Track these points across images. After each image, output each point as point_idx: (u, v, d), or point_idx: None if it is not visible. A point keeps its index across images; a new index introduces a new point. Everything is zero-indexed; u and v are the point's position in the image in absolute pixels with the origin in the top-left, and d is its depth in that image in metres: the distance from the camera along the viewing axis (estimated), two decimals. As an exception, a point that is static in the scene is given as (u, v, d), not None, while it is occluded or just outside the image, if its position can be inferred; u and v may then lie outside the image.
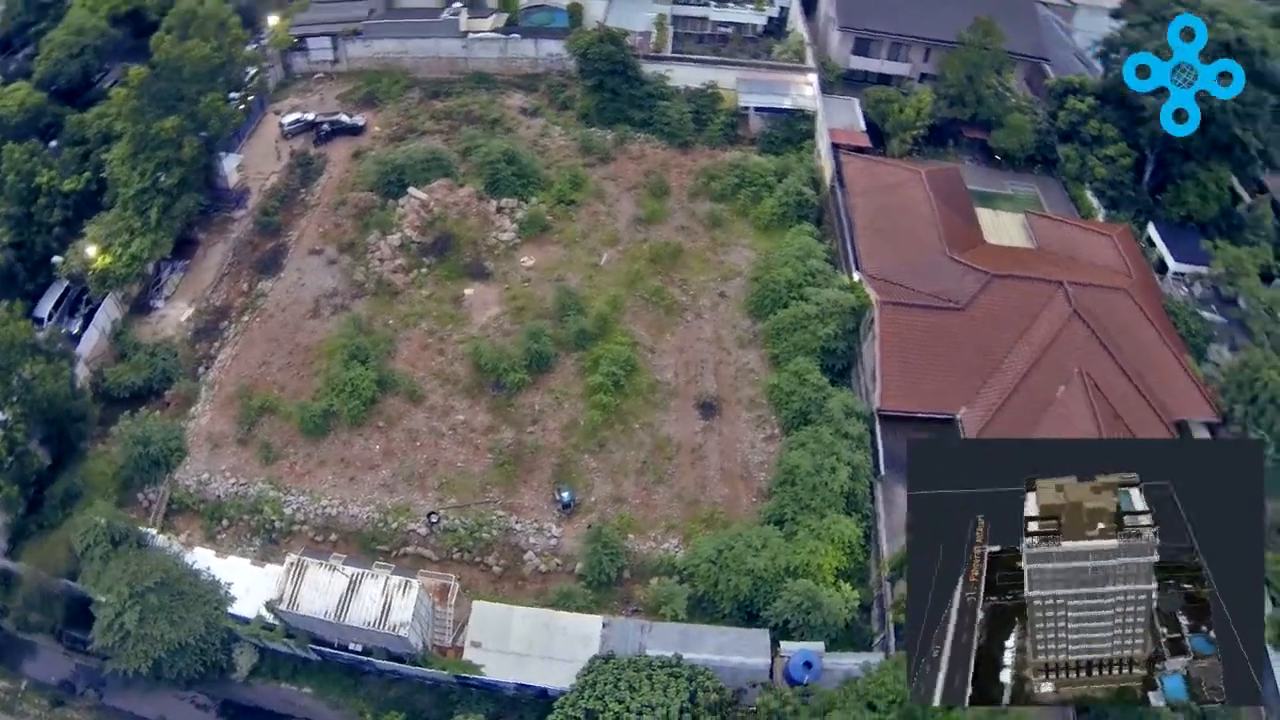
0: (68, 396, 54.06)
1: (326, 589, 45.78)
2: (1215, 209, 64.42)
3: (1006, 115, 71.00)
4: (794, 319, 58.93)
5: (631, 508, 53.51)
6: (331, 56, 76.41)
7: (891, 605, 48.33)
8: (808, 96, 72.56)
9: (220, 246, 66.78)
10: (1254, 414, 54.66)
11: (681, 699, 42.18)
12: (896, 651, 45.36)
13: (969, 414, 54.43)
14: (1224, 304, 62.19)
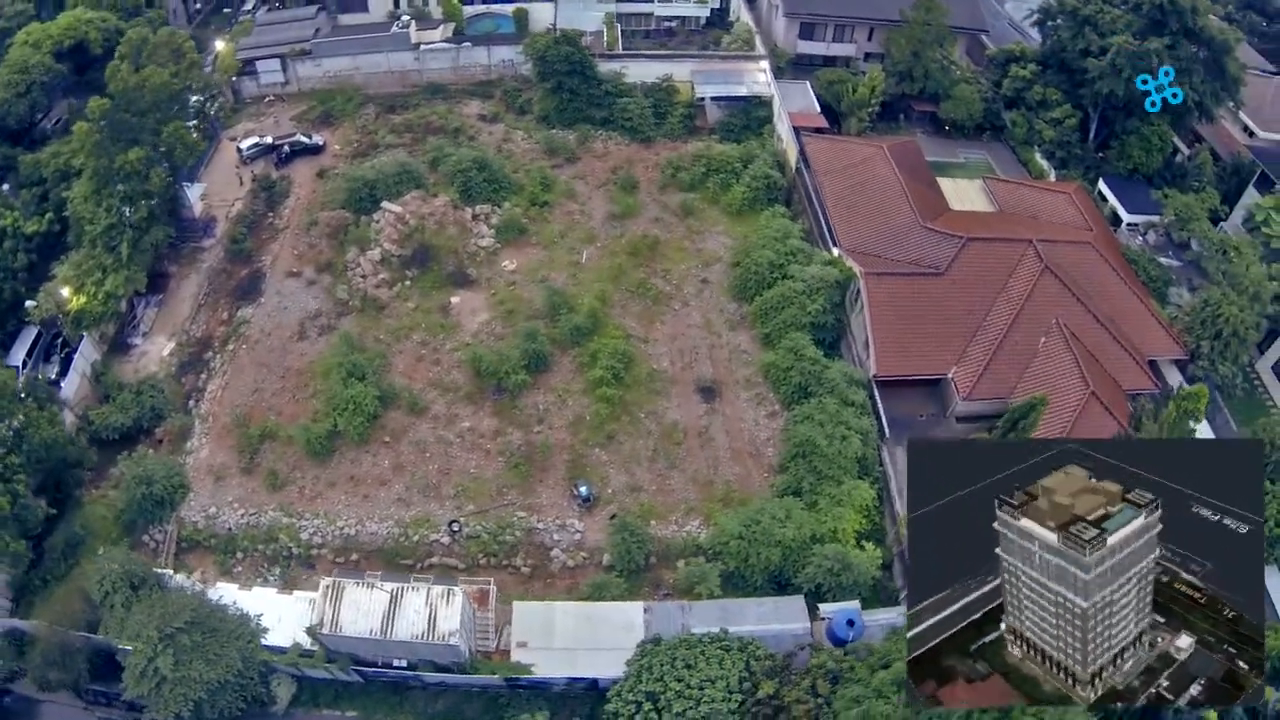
0: (64, 442, 52.76)
1: (368, 608, 45.36)
2: (1159, 160, 68.39)
3: (953, 87, 74.11)
4: (781, 297, 60.66)
5: (649, 495, 54.47)
6: (282, 78, 75.34)
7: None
8: (762, 83, 74.62)
9: (193, 278, 65.50)
10: (1219, 348, 58.44)
11: (739, 669, 43.58)
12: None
13: (960, 372, 56.95)
14: (1177, 249, 66.10)
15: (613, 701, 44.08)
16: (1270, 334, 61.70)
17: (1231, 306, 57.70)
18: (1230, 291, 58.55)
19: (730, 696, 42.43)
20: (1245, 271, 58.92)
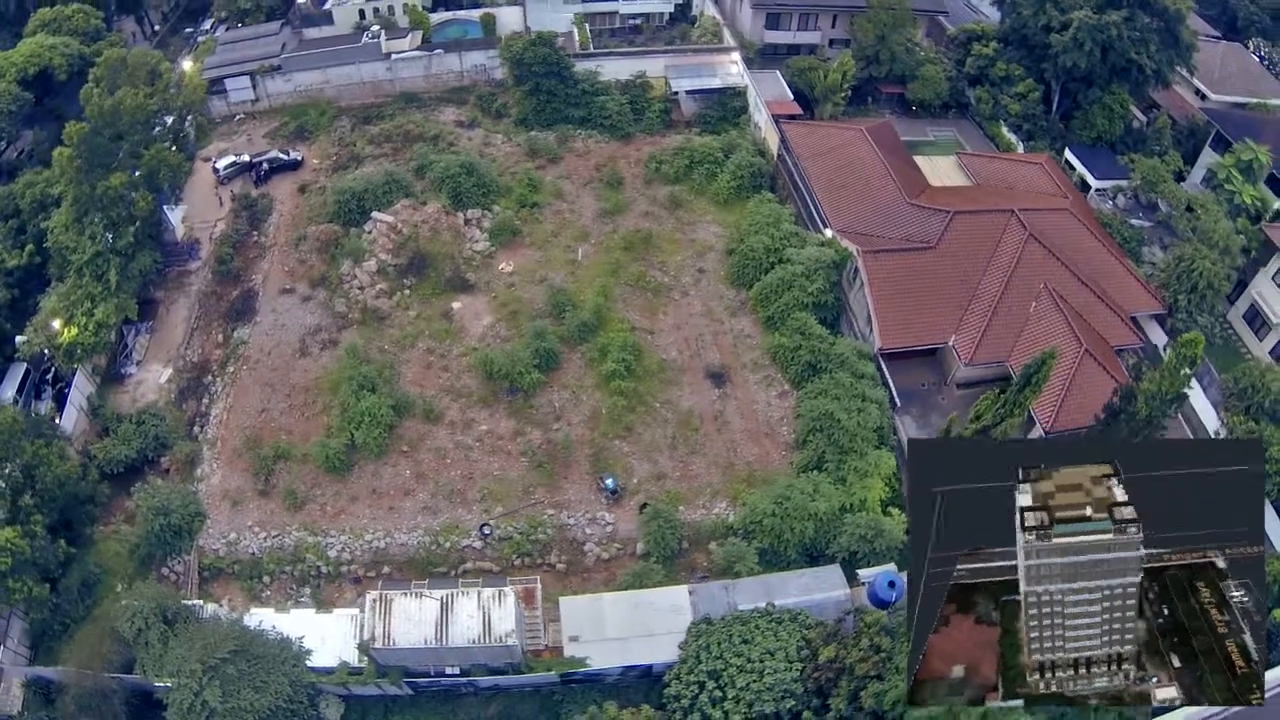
0: (76, 478, 51.30)
1: (419, 617, 45.08)
2: (1121, 128, 71.73)
3: (919, 68, 76.50)
4: (781, 281, 61.99)
5: (673, 482, 55.24)
6: (252, 96, 74.08)
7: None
8: (735, 74, 75.99)
9: (182, 302, 64.14)
10: (1195, 300, 61.72)
11: (795, 639, 44.69)
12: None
13: (960, 340, 58.96)
14: (1146, 210, 69.32)
15: (672, 685, 44.79)
16: (1238, 285, 65.27)
17: (1204, 260, 60.94)
18: (1201, 246, 61.84)
19: (791, 665, 43.53)
20: (1214, 227, 62.28)
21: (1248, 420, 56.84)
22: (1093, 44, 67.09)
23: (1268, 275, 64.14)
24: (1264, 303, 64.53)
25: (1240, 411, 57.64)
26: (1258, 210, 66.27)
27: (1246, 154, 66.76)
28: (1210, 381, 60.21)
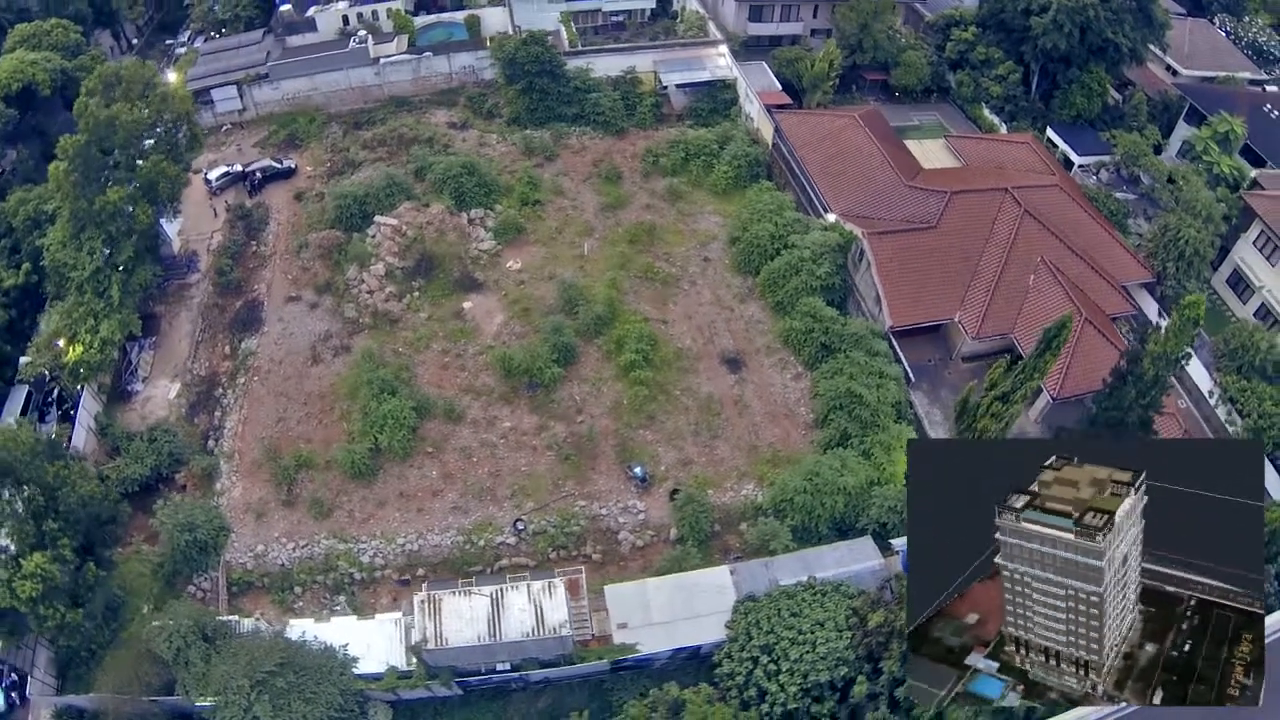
0: (99, 498, 50.01)
1: (470, 615, 45.16)
2: (1099, 105, 74.24)
3: (901, 54, 78.31)
4: (788, 266, 63.07)
5: (700, 466, 55.92)
6: (239, 105, 73.13)
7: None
8: (724, 66, 77.02)
9: (184, 315, 63.24)
10: (1182, 268, 64.05)
11: (842, 608, 45.53)
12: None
13: (965, 315, 60.53)
14: (1129, 183, 71.83)
15: (724, 664, 45.44)
16: (1221, 252, 67.84)
17: (1189, 229, 63.40)
18: (1185, 216, 64.29)
19: (841, 634, 44.31)
20: (1196, 196, 64.84)
21: (1240, 379, 59.37)
22: (1071, 25, 69.46)
23: (1248, 241, 67.01)
24: (1246, 267, 67.49)
25: (1232, 371, 60.12)
26: (1236, 179, 69.23)
27: (1222, 126, 69.85)
28: (1201, 344, 62.53)
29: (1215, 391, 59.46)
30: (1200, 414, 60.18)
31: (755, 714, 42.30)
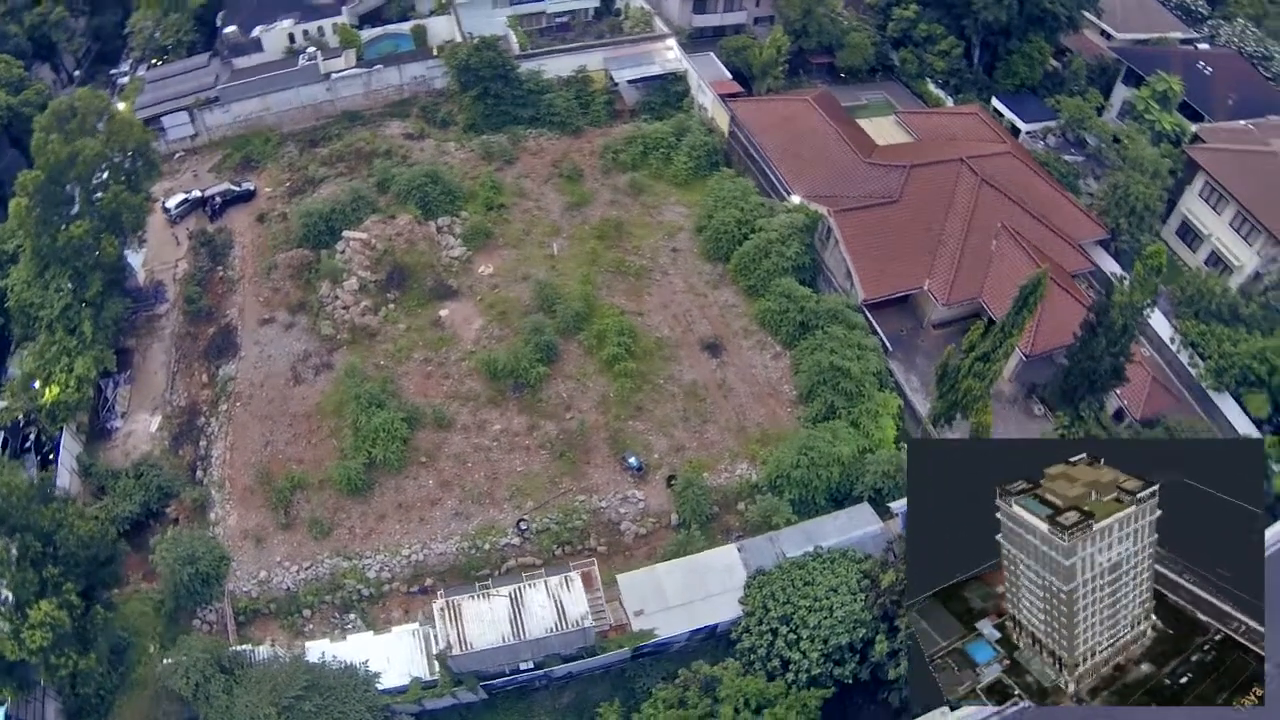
0: (99, 538, 48.61)
1: (491, 617, 45.33)
2: (1041, 73, 76.79)
3: (845, 36, 79.94)
4: (757, 249, 64.21)
5: (692, 451, 56.77)
6: (191, 131, 72.08)
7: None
8: (673, 59, 78.04)
9: (157, 347, 62.25)
10: (1134, 222, 66.62)
11: (853, 573, 46.79)
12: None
13: (934, 283, 62.24)
14: (1076, 146, 74.42)
15: (743, 639, 46.52)
16: (1169, 205, 70.73)
17: (1138, 185, 65.99)
18: (1133, 173, 66.87)
19: (856, 597, 45.65)
20: (1142, 153, 67.55)
21: (1198, 324, 61.99)
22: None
23: (1194, 193, 70.13)
24: (1194, 218, 70.61)
25: (1190, 316, 62.74)
26: (1177, 135, 72.27)
27: (1161, 85, 72.85)
28: (1158, 294, 65.17)
29: (1176, 338, 61.99)
30: (1163, 360, 62.68)
31: (783, 683, 43.27)
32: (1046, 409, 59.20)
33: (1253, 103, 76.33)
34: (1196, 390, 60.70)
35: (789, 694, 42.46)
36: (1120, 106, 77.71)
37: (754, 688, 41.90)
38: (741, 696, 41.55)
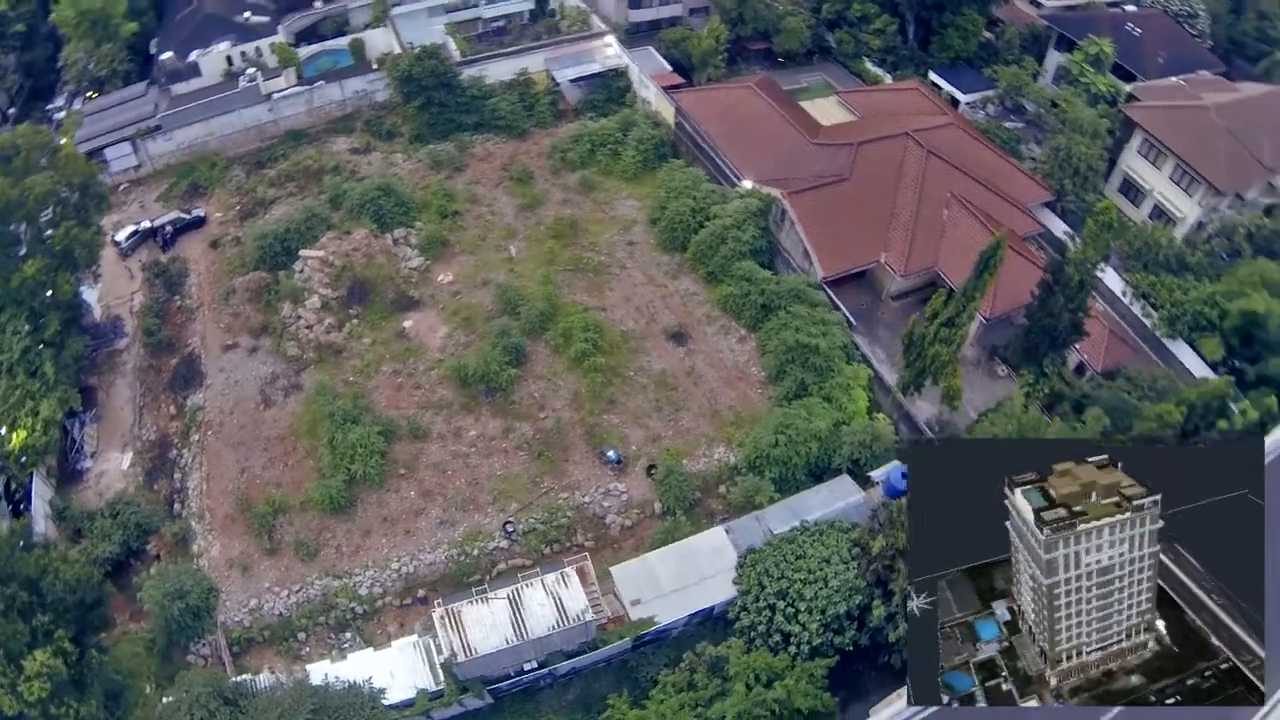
0: (88, 581, 47.52)
1: (492, 620, 45.60)
2: (975, 45, 78.70)
3: (781, 21, 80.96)
4: (713, 236, 65.09)
5: (669, 439, 57.43)
6: (134, 161, 70.92)
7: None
8: (613, 56, 78.56)
9: (120, 383, 61.28)
10: (1078, 183, 68.70)
11: (843, 542, 47.85)
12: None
13: (890, 256, 63.60)
14: (1015, 113, 76.37)
15: (741, 617, 47.30)
16: (1109, 164, 72.97)
17: (1079, 146, 68.13)
18: (1074, 135, 68.87)
19: (848, 566, 46.73)
20: (1080, 115, 69.57)
21: (1148, 275, 64.14)
22: (943, -25, 73.51)
23: (1133, 150, 72.46)
24: (1134, 174, 72.95)
25: (1139, 269, 64.86)
26: (1112, 95, 74.50)
27: (1093, 48, 75.19)
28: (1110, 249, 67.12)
29: (1127, 291, 64.06)
30: (1117, 313, 64.67)
31: (787, 656, 44.13)
32: (1009, 369, 60.85)
33: (1182, 60, 79.19)
34: (1152, 340, 62.94)
35: (794, 666, 43.33)
36: (1055, 72, 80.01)
37: (762, 662, 42.70)
38: (751, 672, 42.33)
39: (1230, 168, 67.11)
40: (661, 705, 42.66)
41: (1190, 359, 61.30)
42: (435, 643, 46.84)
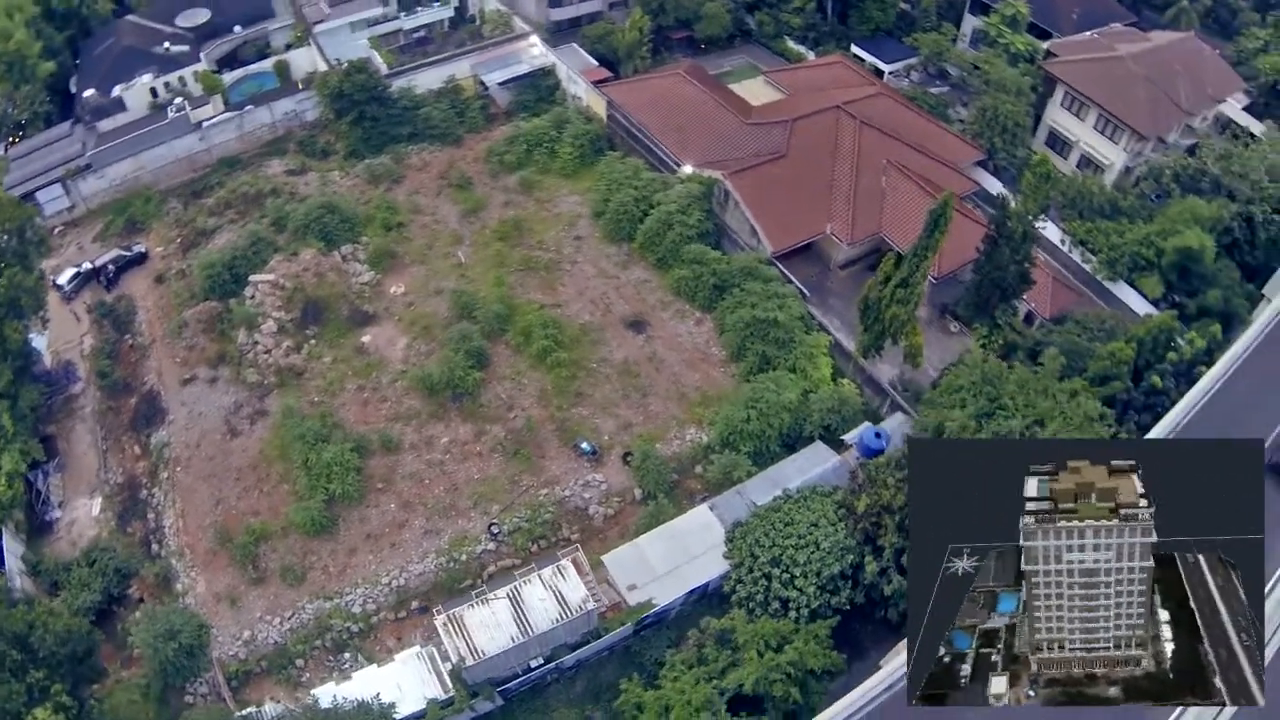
0: (80, 631, 46.54)
1: (494, 621, 45.88)
2: (893, 15, 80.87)
3: (701, 8, 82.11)
4: (659, 223, 66.16)
5: (640, 426, 58.47)
6: (67, 203, 69.33)
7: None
8: (539, 55, 79.09)
9: (80, 429, 60.19)
10: (1007, 140, 71.16)
11: (828, 505, 49.25)
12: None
13: (835, 226, 65.37)
14: (938, 78, 78.61)
15: (737, 589, 48.33)
16: (1035, 120, 75.66)
17: (1006, 105, 70.68)
18: (999, 94, 71.27)
19: (836, 527, 48.10)
20: (1003, 75, 72.11)
21: (1084, 223, 66.64)
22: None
23: (1056, 104, 75.37)
24: (1060, 127, 75.95)
25: (1075, 217, 67.38)
26: (1031, 54, 77.19)
27: (1009, 9, 78.19)
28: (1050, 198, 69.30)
29: (1066, 239, 66.62)
30: (1058, 262, 67.03)
31: (789, 621, 45.41)
32: (961, 325, 62.90)
33: (1094, 14, 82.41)
34: (1094, 284, 65.60)
35: (799, 630, 44.68)
36: (972, 35, 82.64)
37: (770, 629, 44.05)
38: (760, 639, 43.53)
39: (1151, 113, 70.26)
40: (677, 682, 43.47)
41: (1132, 298, 63.99)
42: (439, 651, 47.08)
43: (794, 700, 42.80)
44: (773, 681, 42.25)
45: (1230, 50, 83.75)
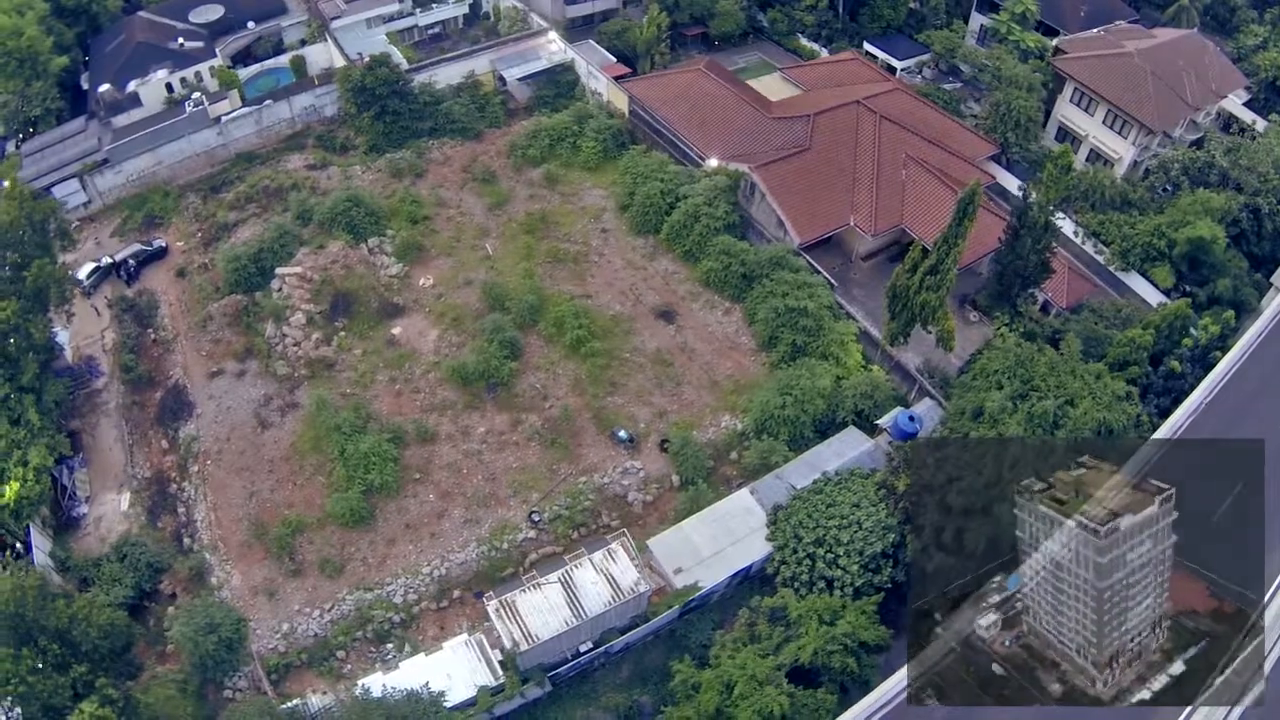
0: (121, 625, 45.66)
1: (547, 605, 45.96)
2: (904, 13, 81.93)
3: (716, 5, 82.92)
4: (686, 215, 66.54)
5: (675, 414, 58.82)
6: (84, 198, 68.38)
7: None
8: (558, 51, 79.32)
9: (104, 423, 59.33)
10: (1020, 134, 72.37)
11: (869, 487, 49.95)
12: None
13: (858, 218, 66.07)
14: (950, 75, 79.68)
15: (782, 570, 48.95)
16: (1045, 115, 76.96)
17: (1018, 99, 71.83)
18: (1011, 90, 72.47)
19: (877, 508, 48.85)
20: (1015, 71, 73.37)
21: (1097, 215, 68.02)
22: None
23: (1065, 100, 76.65)
24: (1069, 122, 77.20)
25: (1087, 210, 68.68)
26: (1040, 51, 78.56)
27: (1018, 7, 79.54)
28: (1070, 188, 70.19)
29: (1079, 231, 67.79)
30: (1071, 254, 68.16)
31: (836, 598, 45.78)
32: (981, 314, 63.83)
33: (1101, 12, 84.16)
34: (1106, 275, 66.79)
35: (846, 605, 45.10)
36: (979, 33, 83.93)
37: (823, 603, 44.50)
38: (814, 614, 43.88)
39: (1159, 108, 71.72)
40: (733, 660, 43.64)
41: (1144, 288, 65.37)
42: (489, 638, 47.08)
43: (851, 671, 43.34)
44: (831, 653, 42.79)
45: (1230, 47, 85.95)
